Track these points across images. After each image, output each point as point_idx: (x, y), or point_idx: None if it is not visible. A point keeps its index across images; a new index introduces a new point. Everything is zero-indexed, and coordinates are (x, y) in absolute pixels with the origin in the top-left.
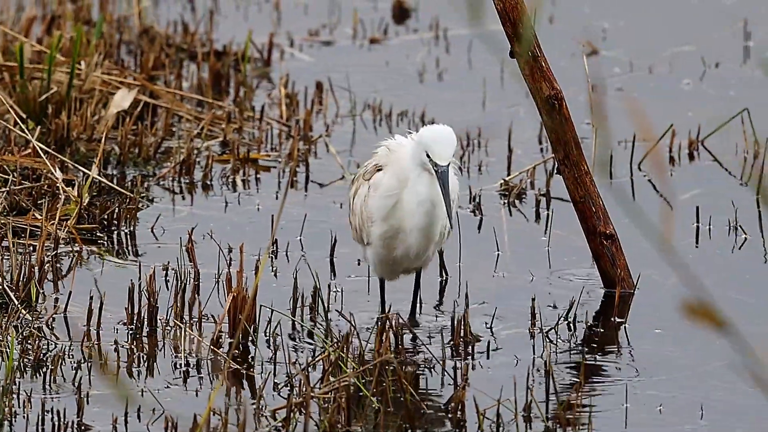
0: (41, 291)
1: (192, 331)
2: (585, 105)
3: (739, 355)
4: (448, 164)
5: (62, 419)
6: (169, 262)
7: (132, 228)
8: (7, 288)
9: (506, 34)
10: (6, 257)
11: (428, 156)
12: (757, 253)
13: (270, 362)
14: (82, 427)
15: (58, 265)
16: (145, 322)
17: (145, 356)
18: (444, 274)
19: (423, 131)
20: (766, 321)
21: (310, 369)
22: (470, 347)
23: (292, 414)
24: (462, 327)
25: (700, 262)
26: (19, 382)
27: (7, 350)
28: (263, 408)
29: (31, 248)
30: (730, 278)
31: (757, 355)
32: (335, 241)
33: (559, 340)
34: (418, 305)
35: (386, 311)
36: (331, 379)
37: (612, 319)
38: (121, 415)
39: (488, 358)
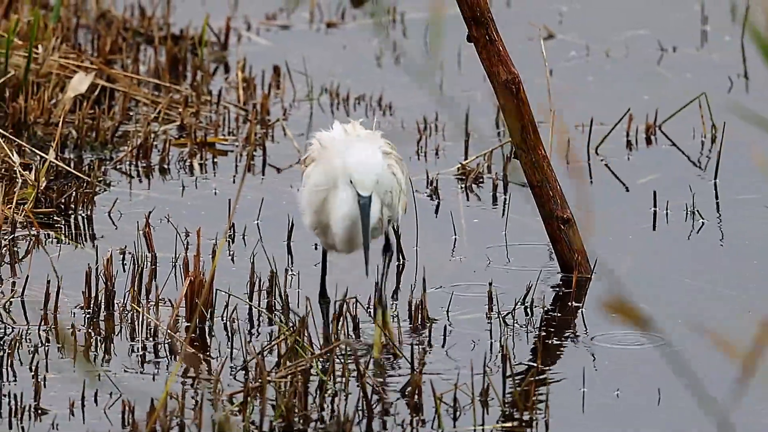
0: None
1: (149, 315)
2: (542, 89)
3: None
4: (370, 195)
5: (19, 403)
6: (126, 246)
7: (89, 212)
8: None
9: (464, 17)
10: None
11: (351, 182)
12: (714, 238)
13: (227, 346)
14: (39, 411)
15: (16, 249)
16: (103, 306)
17: (102, 340)
18: (401, 257)
19: (348, 155)
20: (719, 306)
21: (267, 353)
22: (427, 331)
23: (248, 398)
24: (419, 311)
25: (657, 246)
26: None
27: None
28: (220, 392)
29: None
30: (686, 263)
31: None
32: (292, 225)
33: (516, 324)
34: (383, 287)
35: (324, 293)
36: (288, 363)
37: (569, 303)
38: (78, 399)
39: (445, 342)
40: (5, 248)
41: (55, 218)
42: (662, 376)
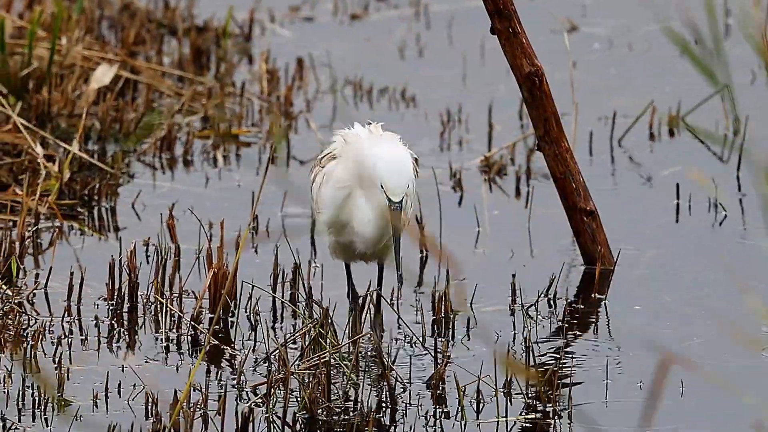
0: (22, 266)
1: (172, 306)
2: (565, 81)
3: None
4: (401, 201)
5: (42, 395)
6: (149, 238)
7: (113, 204)
8: None
9: (487, 10)
10: None
11: (382, 187)
12: (736, 231)
13: (251, 338)
14: (63, 403)
15: (39, 241)
16: (126, 298)
17: (125, 332)
18: (424, 250)
19: (377, 159)
20: (741, 298)
21: (290, 345)
22: (451, 323)
23: (272, 390)
24: (443, 303)
25: (680, 239)
26: (0, 358)
27: None
28: (244, 384)
29: (12, 224)
30: (708, 256)
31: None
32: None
33: (539, 316)
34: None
35: (355, 294)
36: (311, 355)
37: (592, 295)
38: (102, 391)
39: (468, 334)
40: (29, 240)
41: (78, 210)
42: (686, 368)
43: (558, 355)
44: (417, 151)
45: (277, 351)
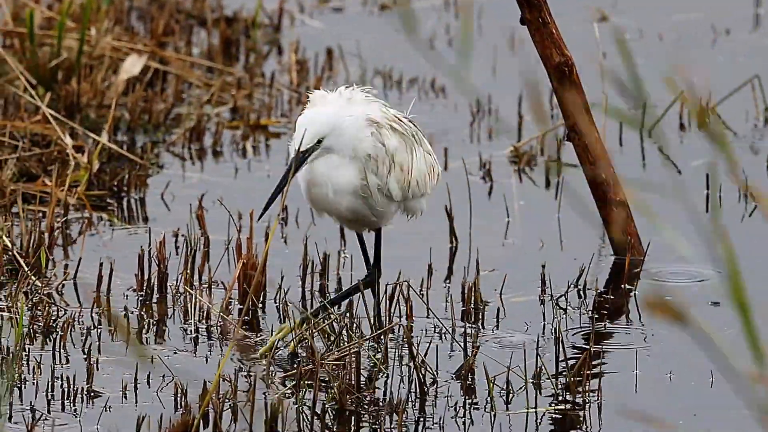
0: (51, 257)
1: (201, 297)
2: (595, 72)
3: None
4: (298, 152)
5: (72, 385)
6: (179, 229)
7: (142, 194)
8: (17, 254)
9: (517, 0)
10: (16, 224)
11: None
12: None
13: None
14: (92, 394)
15: (68, 232)
16: (155, 289)
17: (154, 322)
18: (454, 240)
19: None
20: None
21: (318, 336)
22: (480, 314)
23: (301, 381)
24: (472, 294)
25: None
26: (29, 349)
27: (17, 316)
28: (273, 375)
29: (41, 215)
30: (738, 246)
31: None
32: None
33: (569, 307)
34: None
35: (371, 267)
36: (340, 346)
37: (622, 286)
38: (131, 381)
39: (498, 325)
40: (58, 231)
41: (107, 201)
42: (715, 358)
43: (587, 346)
44: (447, 141)
45: (307, 342)
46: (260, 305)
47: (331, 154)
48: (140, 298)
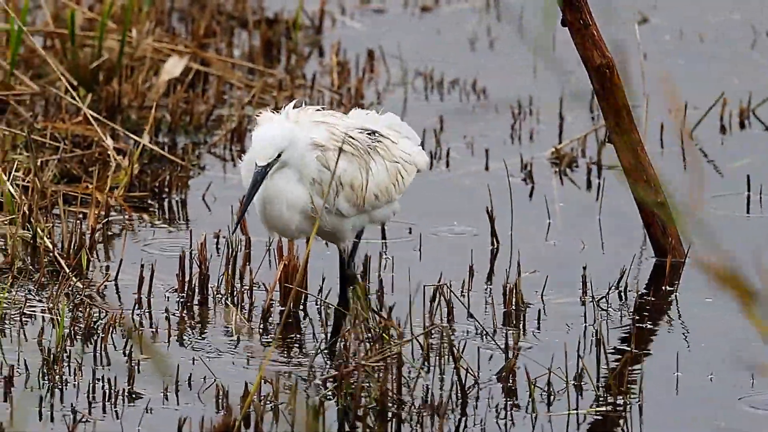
0: (92, 259)
1: (243, 299)
2: (636, 73)
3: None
4: (261, 166)
5: (113, 387)
6: (220, 230)
7: (183, 196)
8: (58, 256)
9: (558, 2)
10: (57, 225)
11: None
12: None
13: (321, 331)
14: (133, 396)
15: (109, 233)
16: (196, 291)
17: (196, 324)
18: (495, 242)
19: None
20: None
21: (360, 338)
22: (521, 316)
23: (342, 383)
24: (513, 296)
25: (751, 231)
26: (70, 350)
27: (59, 318)
28: (314, 377)
29: (82, 216)
30: None
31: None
32: None
33: (610, 308)
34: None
35: (353, 268)
36: (379, 348)
37: (663, 287)
38: (172, 384)
39: (539, 326)
40: (99, 232)
41: (149, 202)
42: (756, 361)
43: (629, 347)
44: (488, 142)
45: (348, 344)
46: (301, 307)
47: (286, 168)
48: (181, 300)
